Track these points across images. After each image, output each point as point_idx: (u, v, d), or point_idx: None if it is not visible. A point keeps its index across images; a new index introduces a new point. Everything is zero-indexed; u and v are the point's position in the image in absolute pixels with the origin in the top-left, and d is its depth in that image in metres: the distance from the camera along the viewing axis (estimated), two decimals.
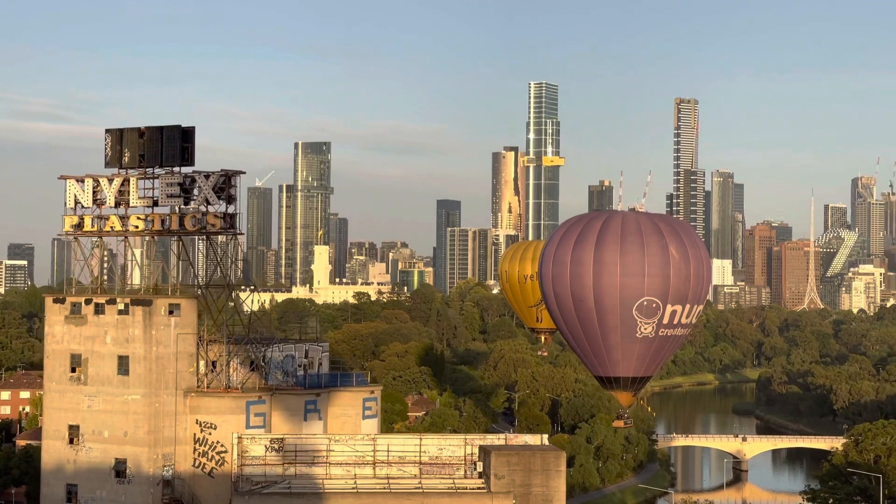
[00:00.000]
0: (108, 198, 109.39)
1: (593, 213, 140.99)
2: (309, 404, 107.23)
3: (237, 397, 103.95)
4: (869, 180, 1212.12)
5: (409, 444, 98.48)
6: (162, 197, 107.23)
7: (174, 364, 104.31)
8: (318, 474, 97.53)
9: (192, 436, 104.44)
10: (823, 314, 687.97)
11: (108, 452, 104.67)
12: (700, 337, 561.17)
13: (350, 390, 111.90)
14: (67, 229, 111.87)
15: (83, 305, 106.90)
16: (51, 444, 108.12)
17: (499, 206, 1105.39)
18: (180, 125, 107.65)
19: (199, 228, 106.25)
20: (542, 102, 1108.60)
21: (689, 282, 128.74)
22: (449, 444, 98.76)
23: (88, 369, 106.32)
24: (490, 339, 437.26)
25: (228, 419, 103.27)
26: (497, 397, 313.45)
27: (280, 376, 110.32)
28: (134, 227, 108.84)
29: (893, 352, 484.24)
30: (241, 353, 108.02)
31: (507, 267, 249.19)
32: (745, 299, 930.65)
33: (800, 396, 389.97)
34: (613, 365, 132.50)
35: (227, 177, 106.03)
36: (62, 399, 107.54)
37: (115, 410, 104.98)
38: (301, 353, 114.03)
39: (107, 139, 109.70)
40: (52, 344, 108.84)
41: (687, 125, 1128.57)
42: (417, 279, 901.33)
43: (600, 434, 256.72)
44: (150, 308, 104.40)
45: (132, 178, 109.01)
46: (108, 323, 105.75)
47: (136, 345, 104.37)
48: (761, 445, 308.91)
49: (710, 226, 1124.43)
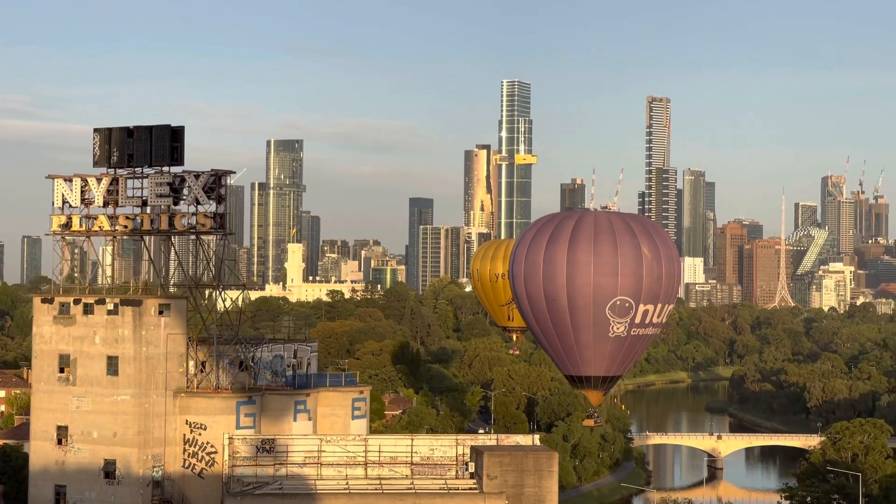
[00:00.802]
0: (97, 197, 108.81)
1: (565, 213, 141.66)
2: (298, 404, 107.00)
3: (227, 398, 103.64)
4: (839, 179, 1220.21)
5: (401, 445, 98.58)
6: (151, 196, 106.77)
7: (164, 364, 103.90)
8: (310, 475, 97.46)
9: (181, 436, 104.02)
10: (795, 312, 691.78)
11: (97, 453, 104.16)
12: (673, 335, 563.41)
13: (339, 390, 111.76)
14: (55, 229, 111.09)
15: (72, 305, 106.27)
16: (39, 444, 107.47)
17: (471, 204, 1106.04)
18: (170, 125, 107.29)
19: (189, 228, 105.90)
20: (515, 101, 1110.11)
21: (662, 281, 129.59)
22: (440, 444, 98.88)
23: (77, 370, 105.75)
24: (464, 338, 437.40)
25: (218, 420, 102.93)
26: (473, 396, 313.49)
27: (269, 376, 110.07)
28: (123, 226, 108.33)
29: (865, 350, 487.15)
30: (231, 353, 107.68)
31: (479, 266, 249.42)
32: (716, 297, 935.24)
33: (773, 394, 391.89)
34: (585, 364, 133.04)
35: (217, 176, 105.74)
36: (50, 399, 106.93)
37: (104, 411, 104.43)
38: (290, 353, 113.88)
39: (95, 138, 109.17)
40: (39, 344, 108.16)
41: (659, 124, 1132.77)
42: (390, 277, 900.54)
43: (576, 432, 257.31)
44: (139, 308, 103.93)
45: (121, 178, 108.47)
46: (98, 323, 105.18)
47: (125, 345, 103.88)
48: (736, 443, 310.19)
49: (681, 224, 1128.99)
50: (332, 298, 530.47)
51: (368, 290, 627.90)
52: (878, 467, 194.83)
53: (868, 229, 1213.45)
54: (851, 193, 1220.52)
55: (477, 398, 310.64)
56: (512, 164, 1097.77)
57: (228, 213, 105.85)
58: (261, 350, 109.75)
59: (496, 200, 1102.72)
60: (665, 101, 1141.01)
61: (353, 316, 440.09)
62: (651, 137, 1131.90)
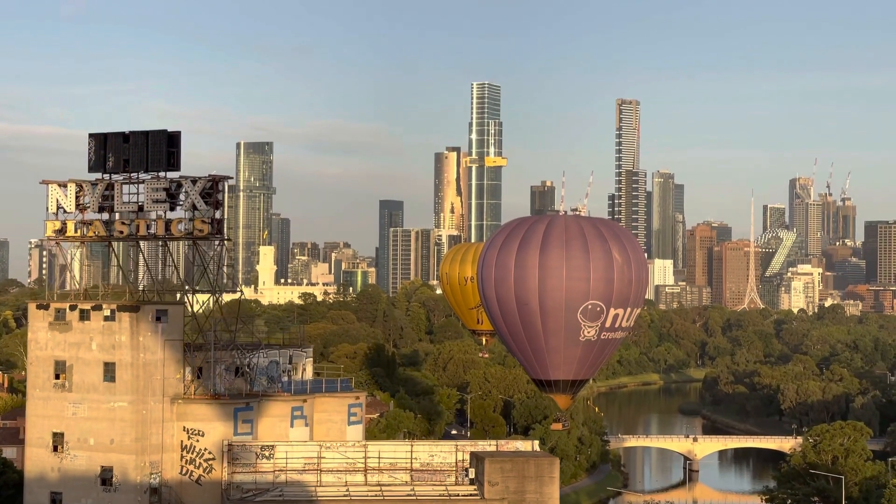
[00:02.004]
0: (92, 203, 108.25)
1: (534, 217, 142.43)
2: (296, 410, 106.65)
3: (225, 404, 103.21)
4: (806, 181, 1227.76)
5: (401, 451, 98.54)
6: (147, 202, 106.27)
7: (161, 371, 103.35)
8: (310, 482, 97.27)
9: (179, 443, 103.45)
10: (765, 314, 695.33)
11: (94, 460, 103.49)
12: (644, 337, 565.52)
13: (335, 396, 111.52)
14: (50, 234, 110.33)
15: (68, 311, 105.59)
16: (34, 451, 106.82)
17: (441, 207, 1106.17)
18: (166, 130, 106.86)
19: (187, 234, 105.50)
20: (485, 103, 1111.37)
21: (632, 286, 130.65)
22: (440, 450, 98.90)
23: (73, 376, 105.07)
24: (437, 340, 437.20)
25: (216, 426, 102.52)
26: (449, 399, 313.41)
27: (265, 382, 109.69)
28: (119, 232, 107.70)
29: (835, 351, 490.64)
30: (227, 359, 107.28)
31: (448, 269, 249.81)
32: (686, 299, 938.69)
33: (746, 396, 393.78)
34: (554, 368, 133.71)
35: (214, 182, 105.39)
36: (46, 406, 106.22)
37: (100, 418, 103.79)
38: (285, 359, 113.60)
39: (90, 143, 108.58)
40: (35, 350, 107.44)
41: (628, 126, 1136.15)
42: (361, 280, 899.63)
43: (554, 436, 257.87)
44: (137, 314, 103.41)
45: (117, 183, 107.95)
46: (94, 329, 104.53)
47: (122, 351, 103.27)
48: (712, 445, 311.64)
49: (651, 226, 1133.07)
50: (304, 301, 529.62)
51: (341, 292, 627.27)
52: (858, 470, 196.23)
53: (835, 231, 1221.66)
54: (819, 195, 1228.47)
55: (453, 401, 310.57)
56: (482, 166, 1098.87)
57: (226, 219, 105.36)
58: (257, 356, 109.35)
59: (466, 203, 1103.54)
60: (634, 103, 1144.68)
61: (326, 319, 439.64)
62: (621, 140, 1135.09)
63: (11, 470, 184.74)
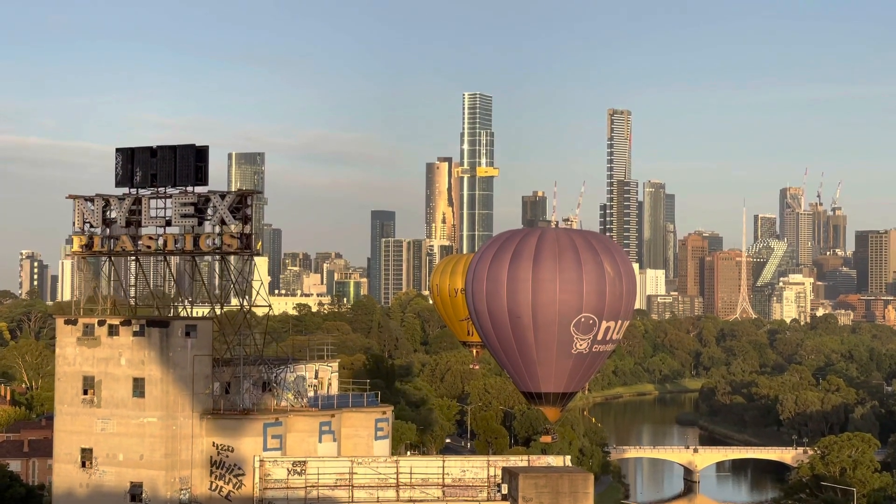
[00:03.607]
0: (119, 218, 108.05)
1: (525, 230, 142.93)
2: (324, 425, 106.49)
3: (254, 419, 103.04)
4: (797, 191, 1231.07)
5: (432, 466, 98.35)
6: (175, 217, 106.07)
7: (191, 386, 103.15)
8: (342, 497, 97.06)
9: (208, 458, 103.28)
10: (758, 324, 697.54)
11: (123, 476, 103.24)
12: (639, 347, 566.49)
13: (362, 411, 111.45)
14: (76, 249, 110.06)
15: (96, 327, 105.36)
16: (62, 467, 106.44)
17: (433, 217, 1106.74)
18: (194, 144, 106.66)
19: (215, 249, 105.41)
20: (477, 113, 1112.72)
21: (623, 298, 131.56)
22: (472, 465, 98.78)
23: (102, 392, 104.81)
24: (432, 351, 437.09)
25: (246, 441, 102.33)
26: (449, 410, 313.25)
27: (291, 397, 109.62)
28: (146, 247, 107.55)
29: (830, 361, 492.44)
30: (254, 374, 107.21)
31: (438, 280, 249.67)
32: (678, 309, 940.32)
33: (744, 407, 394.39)
34: (545, 381, 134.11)
35: (242, 196, 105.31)
36: (74, 422, 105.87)
37: (130, 433, 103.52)
38: (311, 374, 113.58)
39: (118, 158, 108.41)
40: (63, 366, 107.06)
41: (620, 136, 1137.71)
42: (353, 290, 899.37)
43: (555, 447, 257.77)
44: (166, 330, 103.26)
45: (144, 198, 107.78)
46: (123, 345, 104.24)
47: (152, 367, 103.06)
48: (713, 456, 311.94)
49: (642, 236, 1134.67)
50: (299, 312, 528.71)
51: (335, 303, 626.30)
52: (866, 481, 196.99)
53: (826, 241, 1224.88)
54: (810, 205, 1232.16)
55: (453, 412, 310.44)
56: (474, 176, 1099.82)
57: (255, 234, 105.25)
58: (283, 370, 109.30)
59: (458, 213, 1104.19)
60: (626, 113, 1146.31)
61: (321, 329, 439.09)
62: (612, 150, 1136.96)
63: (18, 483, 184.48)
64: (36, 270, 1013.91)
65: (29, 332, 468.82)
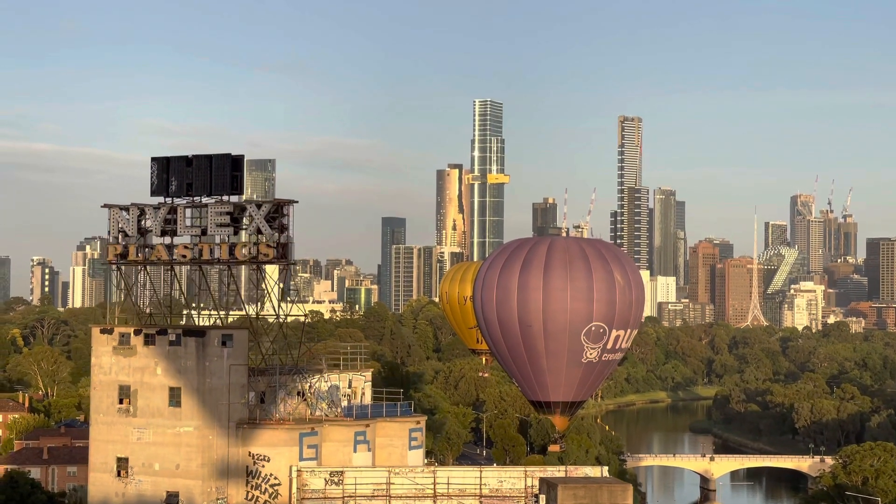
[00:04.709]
0: (154, 227, 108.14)
1: (533, 239, 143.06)
2: (358, 435, 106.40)
3: (290, 429, 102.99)
4: (808, 198, 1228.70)
5: (469, 477, 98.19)
6: (211, 226, 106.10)
7: (227, 395, 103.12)
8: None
9: (244, 468, 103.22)
10: (770, 331, 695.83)
11: (159, 485, 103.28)
12: (651, 355, 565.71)
13: (396, 420, 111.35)
14: (111, 258, 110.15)
15: (132, 336, 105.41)
16: (98, 476, 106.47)
17: (443, 224, 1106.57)
18: (230, 154, 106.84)
19: (251, 258, 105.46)
20: (487, 120, 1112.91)
21: (632, 307, 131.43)
22: (509, 476, 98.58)
23: (138, 401, 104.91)
24: (445, 358, 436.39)
25: (282, 451, 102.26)
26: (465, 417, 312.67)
27: (325, 407, 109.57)
28: (181, 256, 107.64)
29: (844, 369, 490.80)
30: (289, 383, 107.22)
31: (448, 288, 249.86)
32: (689, 316, 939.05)
33: (759, 415, 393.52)
34: (554, 390, 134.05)
35: (278, 206, 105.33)
36: (110, 431, 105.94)
37: (166, 443, 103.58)
38: (345, 384, 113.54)
39: (153, 167, 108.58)
40: (99, 375, 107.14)
41: (631, 143, 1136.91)
42: (364, 297, 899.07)
43: (572, 454, 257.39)
44: (203, 339, 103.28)
45: (179, 207, 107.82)
46: (159, 354, 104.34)
47: (188, 376, 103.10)
48: (729, 465, 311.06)
49: (653, 243, 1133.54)
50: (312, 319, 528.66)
51: (347, 310, 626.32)
52: (888, 490, 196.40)
53: (837, 248, 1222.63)
54: (820, 212, 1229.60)
55: (468, 420, 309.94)
56: (484, 183, 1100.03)
57: (291, 243, 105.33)
58: (318, 380, 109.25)
59: (468, 220, 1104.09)
60: (637, 120, 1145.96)
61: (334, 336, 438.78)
62: (623, 157, 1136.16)
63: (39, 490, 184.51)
64: (47, 277, 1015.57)
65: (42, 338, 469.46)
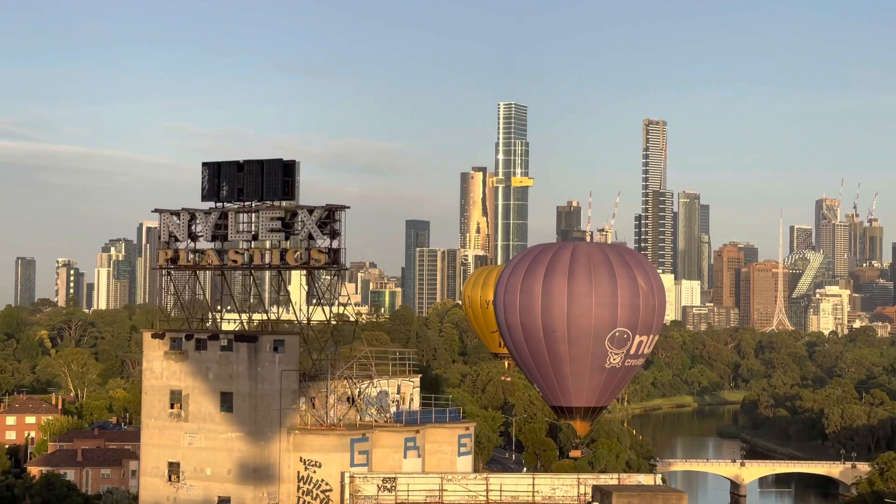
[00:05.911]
0: (205, 232, 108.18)
1: (555, 244, 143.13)
2: (408, 441, 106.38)
3: (342, 435, 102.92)
4: (833, 202, 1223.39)
5: (522, 484, 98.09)
6: (262, 231, 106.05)
7: (278, 401, 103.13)
8: None
9: (295, 474, 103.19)
10: (796, 336, 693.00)
11: (211, 490, 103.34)
12: (677, 359, 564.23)
13: (445, 426, 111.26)
14: (161, 263, 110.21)
15: (184, 341, 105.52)
16: (149, 480, 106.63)
17: (467, 227, 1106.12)
18: (282, 159, 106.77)
19: (302, 263, 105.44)
20: (512, 123, 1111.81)
21: (655, 312, 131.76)
22: (561, 483, 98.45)
23: (189, 406, 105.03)
24: (470, 362, 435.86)
25: (333, 457, 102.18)
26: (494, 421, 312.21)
27: (374, 412, 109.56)
28: (232, 261, 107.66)
29: (872, 374, 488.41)
30: (339, 389, 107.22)
31: (470, 292, 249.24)
32: (713, 320, 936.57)
33: (788, 420, 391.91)
34: (577, 395, 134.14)
35: (330, 211, 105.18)
36: (161, 436, 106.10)
37: (218, 448, 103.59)
38: (394, 389, 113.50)
39: (203, 172, 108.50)
40: (150, 380, 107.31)
41: (655, 146, 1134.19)
42: (389, 299, 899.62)
43: (603, 459, 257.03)
44: (255, 345, 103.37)
45: (230, 212, 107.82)
46: (211, 359, 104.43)
47: (240, 381, 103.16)
48: (760, 470, 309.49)
49: (677, 246, 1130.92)
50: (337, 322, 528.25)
51: (373, 313, 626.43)
52: None
53: (862, 252, 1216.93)
54: (846, 216, 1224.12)
55: (497, 424, 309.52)
56: (508, 186, 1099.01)
57: (343, 249, 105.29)
58: (367, 386, 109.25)
59: (492, 223, 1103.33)
60: (661, 123, 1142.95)
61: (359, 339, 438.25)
62: (647, 160, 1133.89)
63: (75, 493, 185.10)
64: (72, 278, 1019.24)
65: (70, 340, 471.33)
